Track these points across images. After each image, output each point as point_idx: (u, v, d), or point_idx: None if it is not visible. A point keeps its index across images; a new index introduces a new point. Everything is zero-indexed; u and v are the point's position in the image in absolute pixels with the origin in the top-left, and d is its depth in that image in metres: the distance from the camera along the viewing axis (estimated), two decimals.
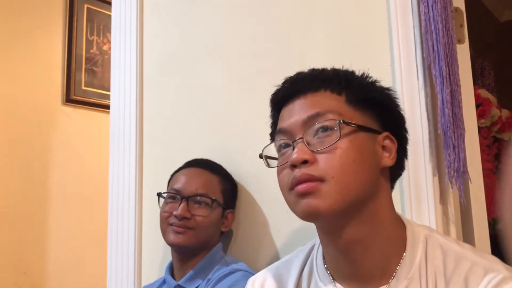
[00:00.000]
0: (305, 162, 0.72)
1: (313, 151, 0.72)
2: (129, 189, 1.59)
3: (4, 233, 2.68)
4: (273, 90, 0.85)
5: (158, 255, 1.40)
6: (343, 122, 0.72)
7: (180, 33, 1.52)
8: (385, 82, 0.83)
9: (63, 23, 3.09)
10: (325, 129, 0.73)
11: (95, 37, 3.27)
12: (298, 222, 0.79)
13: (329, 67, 0.83)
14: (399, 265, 0.73)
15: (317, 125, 0.74)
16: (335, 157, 0.71)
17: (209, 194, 1.16)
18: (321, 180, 0.71)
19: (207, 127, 1.39)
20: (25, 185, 2.81)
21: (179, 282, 1.15)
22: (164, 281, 1.21)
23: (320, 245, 0.81)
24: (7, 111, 2.77)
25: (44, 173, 2.91)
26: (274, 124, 0.86)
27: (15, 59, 2.83)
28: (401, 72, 1.04)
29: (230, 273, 1.09)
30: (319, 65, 0.85)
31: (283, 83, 0.84)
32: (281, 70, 1.24)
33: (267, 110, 0.87)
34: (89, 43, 3.23)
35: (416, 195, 1.00)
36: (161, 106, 1.55)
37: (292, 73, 0.85)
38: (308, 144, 0.73)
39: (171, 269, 1.21)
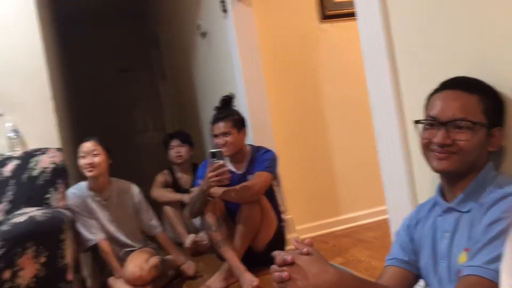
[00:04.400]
0: None
1: None
2: (389, 105, 1.62)
3: (296, 147, 3.14)
4: None
5: (428, 174, 1.42)
6: None
7: None
8: None
9: None
10: None
11: None
12: None
13: None
14: None
15: None
16: None
17: (468, 117, 1.09)
18: None
19: (464, 34, 1.25)
20: (304, 101, 3.17)
21: (451, 205, 1.15)
22: (436, 202, 1.24)
23: None
24: (278, 37, 3.11)
25: (317, 89, 3.20)
26: None
27: None
28: None
29: (504, 197, 1.03)
30: None
31: None
32: None
33: None
34: None
35: None
36: (410, 10, 1.46)
37: None
38: None
39: (441, 191, 1.22)
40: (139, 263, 2.37)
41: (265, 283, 2.27)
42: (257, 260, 2.40)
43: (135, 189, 2.68)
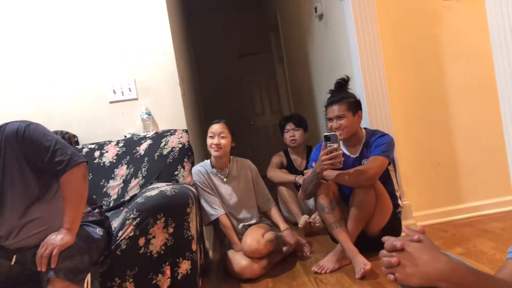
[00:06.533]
0: None
1: None
2: None
3: (416, 130, 3.01)
4: None
5: None
6: None
7: None
8: None
9: None
10: None
11: None
12: None
13: None
14: None
15: None
16: None
17: None
18: None
19: None
20: (425, 83, 3.02)
21: None
22: None
23: None
24: (398, 16, 3.00)
25: (440, 70, 3.02)
26: None
27: None
28: None
29: None
30: None
31: None
32: None
33: None
34: None
35: None
36: None
37: None
38: None
39: None
40: (256, 237, 2.51)
41: (377, 267, 2.26)
42: (371, 244, 2.39)
43: (251, 165, 2.83)
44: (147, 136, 2.61)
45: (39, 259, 1.54)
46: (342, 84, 2.61)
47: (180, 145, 2.51)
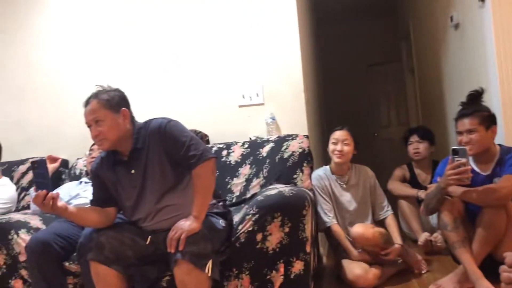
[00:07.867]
0: None
1: None
2: None
3: None
4: None
5: None
6: None
7: None
8: None
9: None
10: None
11: None
12: None
13: None
14: None
15: None
16: None
17: None
18: None
19: None
20: None
21: None
22: None
23: None
24: None
25: None
26: None
27: None
28: None
29: None
30: None
31: None
32: None
33: None
34: None
35: None
36: None
37: None
38: None
39: None
40: (364, 225, 2.55)
41: None
42: (498, 269, 2.21)
43: (369, 171, 2.80)
44: (270, 139, 2.74)
45: (169, 241, 1.73)
46: (476, 96, 2.45)
47: (300, 150, 2.59)
